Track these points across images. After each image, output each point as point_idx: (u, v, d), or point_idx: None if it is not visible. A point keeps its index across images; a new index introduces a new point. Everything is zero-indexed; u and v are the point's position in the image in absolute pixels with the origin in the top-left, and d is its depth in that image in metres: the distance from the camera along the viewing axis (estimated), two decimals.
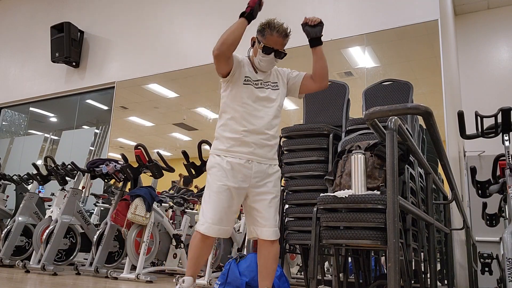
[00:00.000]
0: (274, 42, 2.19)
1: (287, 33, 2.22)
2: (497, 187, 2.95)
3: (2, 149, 7.90)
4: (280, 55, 2.24)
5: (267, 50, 2.19)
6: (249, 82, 2.22)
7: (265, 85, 2.26)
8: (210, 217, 2.11)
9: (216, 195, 2.13)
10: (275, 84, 2.29)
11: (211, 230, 2.11)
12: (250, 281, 2.77)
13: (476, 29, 6.90)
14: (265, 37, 2.19)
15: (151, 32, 6.41)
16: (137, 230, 3.81)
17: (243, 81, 2.21)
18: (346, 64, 4.86)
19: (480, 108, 3.36)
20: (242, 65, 2.23)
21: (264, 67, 2.26)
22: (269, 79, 2.29)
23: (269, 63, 2.24)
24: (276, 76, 2.33)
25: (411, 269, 2.15)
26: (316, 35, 2.27)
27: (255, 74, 2.26)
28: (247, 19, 2.16)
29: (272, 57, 2.21)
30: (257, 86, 2.23)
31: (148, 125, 6.38)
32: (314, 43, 2.29)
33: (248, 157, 2.16)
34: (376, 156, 2.07)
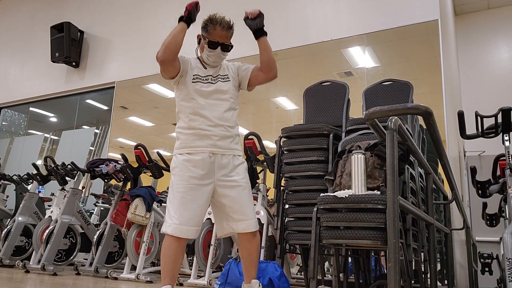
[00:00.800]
0: (218, 36, 2.23)
1: (230, 25, 2.26)
2: (497, 187, 2.95)
3: (2, 149, 7.90)
4: (227, 48, 2.27)
5: (213, 45, 2.23)
6: (198, 79, 2.25)
7: (215, 80, 2.28)
8: (177, 218, 2.07)
9: (181, 195, 2.10)
10: (225, 76, 2.32)
11: (180, 231, 2.05)
12: None
13: (476, 29, 6.91)
14: (209, 32, 2.23)
15: (151, 32, 6.41)
16: (137, 230, 3.81)
17: (192, 80, 2.24)
18: (346, 64, 4.86)
19: (480, 108, 3.35)
20: (189, 64, 2.27)
21: (213, 62, 2.29)
22: (218, 72, 2.31)
23: (217, 57, 2.27)
24: (226, 69, 2.35)
25: (411, 269, 2.15)
26: (257, 27, 2.28)
27: (204, 70, 2.29)
28: (186, 23, 2.23)
29: (219, 51, 2.25)
30: (206, 81, 2.26)
31: (148, 125, 6.38)
32: (257, 35, 2.29)
33: (210, 149, 2.16)
34: (376, 156, 2.07)
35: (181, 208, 2.09)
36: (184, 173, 2.13)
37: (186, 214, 2.08)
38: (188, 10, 2.26)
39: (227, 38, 2.26)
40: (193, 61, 2.30)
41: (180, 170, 2.14)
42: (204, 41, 2.26)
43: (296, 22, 5.11)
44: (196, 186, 2.12)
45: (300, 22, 5.09)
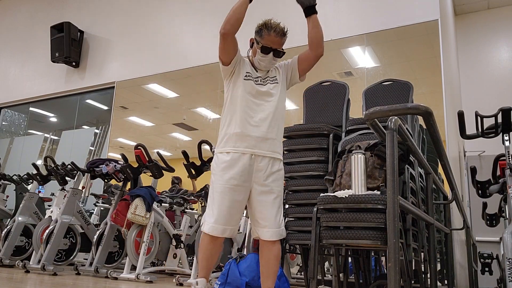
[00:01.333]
0: (271, 42, 2.23)
1: (284, 32, 2.26)
2: (497, 187, 2.95)
3: (2, 149, 7.90)
4: (279, 54, 2.27)
5: (266, 50, 2.23)
6: (250, 77, 2.26)
7: (264, 81, 2.29)
8: (214, 217, 2.13)
9: (219, 195, 2.14)
10: (273, 78, 2.33)
11: (216, 230, 2.12)
12: (250, 281, 2.77)
13: (476, 29, 6.91)
14: (263, 37, 2.23)
15: (151, 32, 6.41)
16: (137, 230, 3.81)
17: (244, 77, 2.25)
18: (346, 64, 4.86)
19: (480, 108, 3.36)
20: (243, 61, 2.29)
21: (264, 67, 2.30)
22: (267, 75, 2.33)
23: (268, 62, 2.28)
24: (274, 71, 2.36)
25: (411, 269, 2.15)
26: (310, 4, 2.29)
27: (255, 72, 2.31)
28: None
29: (271, 57, 2.26)
30: (257, 82, 2.27)
31: (148, 125, 6.38)
32: (309, 12, 2.30)
33: (251, 150, 2.17)
34: (376, 156, 2.07)
35: (219, 208, 2.13)
36: (224, 173, 2.15)
37: (224, 214, 2.12)
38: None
39: (280, 45, 2.27)
40: (245, 60, 2.32)
41: (220, 170, 2.16)
42: (257, 46, 2.26)
43: (296, 22, 5.10)
44: (234, 187, 2.14)
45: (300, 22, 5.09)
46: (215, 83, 5.68)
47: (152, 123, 6.38)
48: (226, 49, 2.20)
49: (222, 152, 2.20)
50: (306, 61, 2.35)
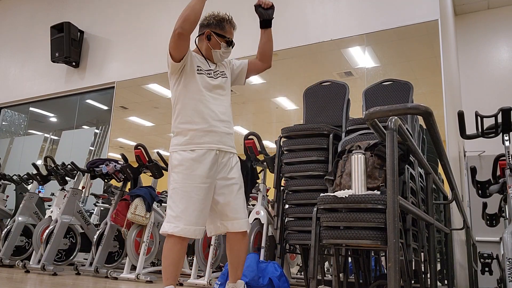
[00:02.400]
0: (231, 34, 2.31)
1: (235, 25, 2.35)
2: (497, 187, 2.95)
3: (2, 149, 7.90)
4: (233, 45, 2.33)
5: (230, 43, 2.28)
6: (201, 71, 2.22)
7: (216, 75, 2.28)
8: (184, 218, 2.02)
9: (188, 194, 2.05)
10: (222, 72, 2.33)
11: (188, 232, 2.01)
12: (250, 281, 2.77)
13: (476, 29, 6.91)
14: (226, 30, 2.27)
15: (151, 32, 6.41)
16: (137, 230, 3.81)
17: (196, 71, 2.20)
18: (346, 64, 4.86)
19: (480, 108, 3.36)
20: (191, 55, 2.23)
21: (222, 59, 2.32)
22: (218, 68, 2.32)
23: (226, 54, 2.31)
24: (222, 66, 2.36)
25: (411, 269, 2.15)
26: (268, 17, 2.35)
27: (206, 65, 2.27)
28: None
29: (230, 49, 2.31)
30: (209, 75, 2.24)
31: (148, 125, 6.38)
32: (265, 25, 2.36)
33: (217, 146, 2.15)
34: (376, 156, 2.07)
35: (189, 208, 2.04)
36: (191, 171, 2.07)
37: (195, 214, 2.04)
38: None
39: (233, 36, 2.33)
40: (193, 54, 2.25)
41: (187, 168, 2.07)
42: (221, 39, 2.25)
43: (296, 22, 5.11)
44: (203, 185, 2.08)
45: (300, 22, 5.09)
46: None
47: (152, 123, 6.38)
48: (181, 47, 2.13)
49: (186, 149, 2.11)
50: (254, 70, 2.43)
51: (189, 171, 2.08)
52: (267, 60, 2.38)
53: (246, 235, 2.23)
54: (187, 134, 2.14)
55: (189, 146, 2.12)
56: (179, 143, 2.15)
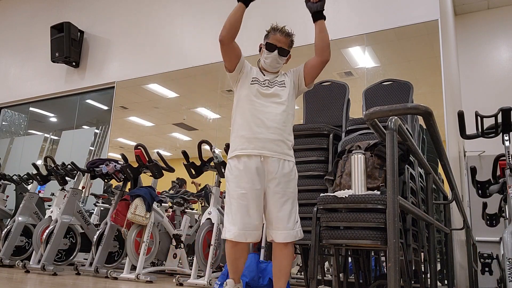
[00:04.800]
0: (277, 40, 2.30)
1: (289, 33, 2.34)
2: (497, 187, 2.95)
3: (2, 149, 7.90)
4: (284, 52, 2.31)
5: (270, 47, 2.29)
6: (257, 82, 2.30)
7: (271, 84, 2.31)
8: (234, 224, 2.14)
9: (236, 202, 2.16)
10: (282, 82, 2.35)
11: (238, 237, 2.14)
12: (250, 281, 2.77)
13: (476, 29, 6.90)
14: (269, 37, 2.32)
15: (151, 32, 6.41)
16: (137, 230, 3.81)
17: (251, 81, 2.29)
18: (346, 64, 4.86)
19: (480, 108, 3.35)
20: (250, 68, 2.35)
21: (270, 65, 2.33)
22: (276, 78, 2.35)
23: (273, 60, 2.31)
24: (282, 76, 2.39)
25: (411, 269, 2.15)
26: (317, 9, 2.36)
27: (263, 76, 2.34)
28: (243, 3, 2.26)
29: (275, 54, 2.29)
30: (264, 85, 2.30)
31: (148, 125, 6.38)
32: (316, 17, 2.37)
33: (260, 152, 2.18)
34: (376, 156, 2.07)
35: (238, 214, 2.14)
36: (237, 180, 2.18)
37: (246, 220, 2.14)
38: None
39: (285, 44, 2.32)
40: (253, 68, 2.38)
41: (234, 177, 2.19)
42: (263, 45, 2.33)
43: (296, 22, 5.10)
44: (249, 192, 2.15)
45: (300, 22, 5.09)
46: (215, 83, 5.68)
47: (152, 123, 6.38)
48: (227, 55, 2.26)
49: (232, 157, 2.23)
50: (312, 67, 2.37)
51: (236, 179, 2.19)
52: (320, 53, 2.33)
53: (287, 246, 2.22)
54: (236, 141, 2.25)
55: (235, 152, 2.23)
56: (230, 151, 2.28)
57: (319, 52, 2.34)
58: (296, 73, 2.39)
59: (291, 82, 2.38)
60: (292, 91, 2.36)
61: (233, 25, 2.21)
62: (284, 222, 2.18)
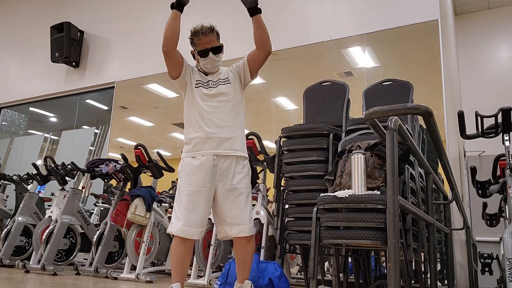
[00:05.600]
0: (205, 43, 2.32)
1: (211, 28, 2.33)
2: (497, 187, 2.95)
3: (2, 149, 7.90)
4: (218, 50, 2.34)
5: (203, 53, 2.33)
6: (200, 84, 2.35)
7: (215, 84, 2.35)
8: (182, 220, 2.16)
9: (186, 198, 2.19)
10: (225, 79, 2.39)
11: (184, 232, 2.15)
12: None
13: (476, 29, 6.90)
14: (196, 44, 2.34)
15: (151, 32, 6.41)
16: (137, 230, 3.81)
17: (195, 85, 2.35)
18: (346, 64, 4.86)
19: (480, 108, 3.35)
20: (193, 71, 2.39)
21: (211, 68, 2.37)
22: (219, 77, 2.39)
23: (212, 62, 2.35)
24: (226, 73, 2.42)
25: (411, 269, 2.15)
26: (251, 5, 2.33)
27: (205, 77, 2.39)
28: (177, 9, 2.31)
29: (211, 56, 2.33)
30: (207, 86, 2.34)
31: (148, 125, 6.38)
32: (251, 12, 2.34)
33: (213, 151, 2.24)
34: (376, 156, 2.07)
35: (186, 210, 2.17)
36: (190, 176, 2.21)
37: (192, 216, 2.16)
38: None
39: (214, 41, 2.33)
40: (195, 70, 2.42)
41: (186, 174, 2.23)
42: (196, 54, 2.36)
43: (296, 22, 5.11)
44: (200, 189, 2.19)
45: (300, 22, 5.09)
46: None
47: (152, 123, 6.38)
48: (172, 64, 2.30)
49: (188, 156, 2.28)
50: (254, 60, 2.39)
51: (188, 176, 2.22)
52: (262, 47, 2.34)
53: (250, 239, 2.27)
54: (190, 143, 2.30)
55: (191, 153, 2.28)
56: (185, 151, 2.32)
57: (260, 46, 2.35)
58: (240, 67, 2.42)
59: (236, 76, 2.41)
60: (239, 86, 2.41)
61: (174, 33, 2.27)
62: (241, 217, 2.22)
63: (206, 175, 2.20)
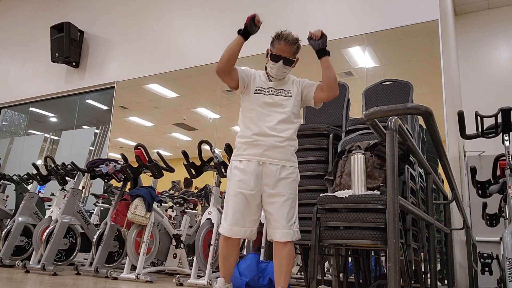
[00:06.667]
0: (281, 50, 2.33)
1: (294, 40, 2.35)
2: (497, 187, 2.95)
3: (2, 149, 7.90)
4: (289, 62, 2.36)
5: (275, 58, 2.34)
6: (260, 91, 2.38)
7: (276, 92, 2.38)
8: (228, 220, 2.27)
9: (232, 199, 2.28)
10: (288, 91, 2.41)
11: (230, 232, 2.27)
12: (250, 281, 2.77)
13: (476, 29, 6.90)
14: (274, 46, 2.35)
15: (151, 32, 6.41)
16: (137, 230, 3.81)
17: (254, 91, 2.38)
18: (346, 64, 4.86)
19: (480, 108, 3.35)
20: (253, 77, 2.41)
21: (275, 74, 2.39)
22: (282, 87, 2.41)
23: (279, 70, 2.36)
24: (291, 85, 2.44)
25: (411, 269, 2.15)
26: (319, 47, 2.38)
27: (268, 83, 2.41)
28: (242, 36, 2.32)
29: (280, 64, 2.35)
30: (267, 93, 2.38)
31: (148, 125, 6.38)
32: (320, 54, 2.38)
33: (258, 158, 2.29)
34: (376, 156, 2.07)
35: (231, 210, 2.27)
36: (236, 178, 2.30)
37: (236, 216, 2.26)
38: (245, 24, 2.33)
39: (291, 53, 2.36)
40: (259, 74, 2.45)
41: (233, 176, 2.32)
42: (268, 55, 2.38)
43: (296, 22, 5.11)
44: (245, 191, 2.26)
45: (300, 22, 5.09)
46: (215, 83, 5.68)
47: (152, 123, 6.38)
48: (228, 81, 2.37)
49: (235, 159, 2.35)
50: (320, 98, 2.43)
51: (234, 178, 2.32)
52: (328, 89, 2.36)
53: (286, 245, 2.28)
54: (238, 146, 2.38)
55: (237, 156, 2.36)
56: (233, 154, 2.41)
57: (327, 89, 2.37)
58: (306, 88, 2.44)
59: (298, 93, 2.43)
60: (298, 102, 2.43)
61: (232, 57, 2.30)
62: (281, 221, 2.25)
63: (250, 178, 2.26)
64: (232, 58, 2.30)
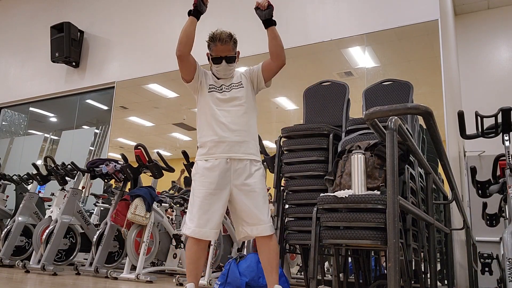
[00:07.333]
0: (220, 51, 2.36)
1: (230, 37, 2.37)
2: (497, 187, 2.95)
3: (2, 149, 7.89)
4: (231, 60, 2.38)
5: (216, 61, 2.38)
6: (213, 88, 2.39)
7: (228, 88, 2.40)
8: (195, 221, 2.21)
9: (199, 200, 2.23)
10: (238, 83, 2.42)
11: (198, 233, 2.20)
12: (250, 281, 2.77)
13: (476, 29, 6.90)
14: (212, 49, 2.39)
15: (151, 32, 6.40)
16: (137, 230, 3.81)
17: (208, 90, 2.39)
18: (346, 64, 4.86)
19: (480, 108, 3.35)
20: (206, 76, 2.43)
21: (224, 74, 2.42)
22: (231, 81, 2.43)
23: (224, 70, 2.40)
24: (238, 77, 2.45)
25: (411, 269, 2.15)
26: (266, 17, 2.37)
27: (218, 81, 2.43)
28: (194, 16, 2.37)
29: (224, 65, 2.38)
30: (220, 91, 2.38)
31: (148, 125, 6.38)
32: (266, 24, 2.38)
33: (226, 155, 2.27)
34: (376, 156, 2.07)
35: (200, 211, 2.22)
36: (203, 179, 2.25)
37: (205, 217, 2.21)
38: (195, 3, 2.35)
39: (229, 50, 2.37)
40: (208, 73, 2.47)
41: (200, 176, 2.27)
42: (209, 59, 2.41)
43: (296, 22, 5.11)
44: (213, 191, 2.23)
45: (300, 22, 5.09)
46: None
47: (152, 123, 6.38)
48: (185, 68, 2.35)
49: (201, 159, 2.32)
50: (268, 70, 2.43)
51: (202, 178, 2.26)
52: (276, 58, 2.38)
53: (272, 238, 2.28)
54: (204, 146, 2.33)
55: (204, 156, 2.31)
56: (198, 154, 2.36)
57: (275, 58, 2.39)
58: (254, 74, 2.45)
59: (249, 81, 2.45)
60: (251, 91, 2.44)
61: (189, 38, 2.31)
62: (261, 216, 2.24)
63: (219, 178, 2.24)
64: (190, 38, 2.31)
